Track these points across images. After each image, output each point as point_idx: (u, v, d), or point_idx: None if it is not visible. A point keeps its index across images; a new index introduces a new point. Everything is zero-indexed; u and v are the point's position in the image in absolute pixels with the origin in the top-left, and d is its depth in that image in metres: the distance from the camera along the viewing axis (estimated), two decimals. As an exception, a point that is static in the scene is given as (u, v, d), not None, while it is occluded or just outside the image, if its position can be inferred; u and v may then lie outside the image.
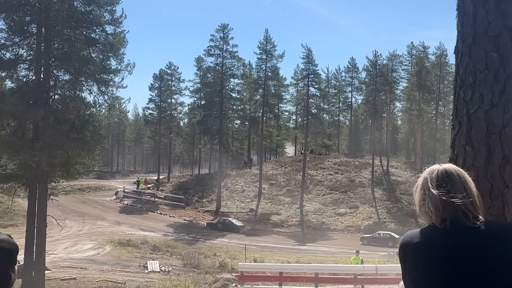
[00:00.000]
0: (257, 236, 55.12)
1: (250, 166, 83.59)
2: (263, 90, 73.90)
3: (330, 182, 72.04)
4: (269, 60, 73.43)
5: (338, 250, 48.78)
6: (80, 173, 33.92)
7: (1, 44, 30.45)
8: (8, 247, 2.46)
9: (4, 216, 54.85)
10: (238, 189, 72.18)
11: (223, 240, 51.77)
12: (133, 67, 32.16)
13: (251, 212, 64.71)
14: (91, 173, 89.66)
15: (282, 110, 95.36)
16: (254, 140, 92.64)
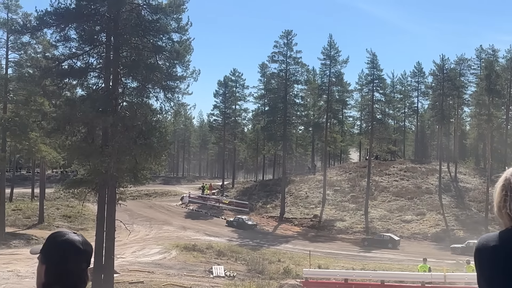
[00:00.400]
0: (321, 242, 54.74)
1: (314, 172, 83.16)
2: (327, 95, 73.46)
3: (396, 189, 70.83)
4: (333, 66, 72.98)
5: (405, 257, 47.86)
6: (147, 178, 34.52)
7: (72, 53, 31.42)
8: (89, 249, 2.56)
9: (75, 220, 56.50)
10: (302, 195, 71.92)
11: (287, 246, 51.67)
12: (198, 74, 32.55)
13: (315, 218, 64.33)
14: (158, 178, 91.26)
15: (346, 116, 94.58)
16: (318, 146, 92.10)
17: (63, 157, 48.38)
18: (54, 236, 2.54)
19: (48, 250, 2.50)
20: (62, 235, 2.53)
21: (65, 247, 2.48)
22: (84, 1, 31.03)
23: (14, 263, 35.87)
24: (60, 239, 2.51)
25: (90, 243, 2.63)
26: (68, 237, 2.51)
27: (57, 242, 2.50)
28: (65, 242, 2.49)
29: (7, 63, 50.48)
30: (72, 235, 2.52)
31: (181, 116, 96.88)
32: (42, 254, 2.51)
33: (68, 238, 2.51)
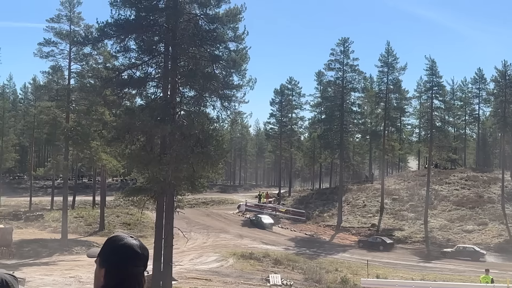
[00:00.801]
0: (379, 252, 53.90)
1: (371, 180, 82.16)
2: (384, 103, 72.54)
3: (457, 198, 69.13)
4: (390, 73, 72.02)
5: (466, 268, 46.59)
6: (204, 186, 34.80)
7: (131, 64, 32.07)
8: (146, 253, 2.59)
9: (134, 227, 57.49)
10: (360, 204, 71.12)
11: (344, 255, 51.11)
12: (254, 83, 32.68)
13: (373, 228, 63.47)
14: (215, 187, 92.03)
15: (405, 124, 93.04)
16: (376, 154, 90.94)
17: (123, 166, 49.40)
18: (113, 240, 2.56)
19: (107, 253, 2.52)
20: (121, 239, 2.55)
21: (123, 251, 2.50)
22: (143, 12, 31.65)
23: (76, 269, 36.74)
24: (119, 243, 2.53)
25: (147, 247, 2.64)
26: (126, 241, 2.53)
27: (116, 245, 2.52)
28: (123, 246, 2.51)
29: (70, 73, 51.98)
30: (130, 239, 2.55)
31: (238, 124, 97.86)
32: (101, 257, 2.53)
33: (127, 242, 2.53)
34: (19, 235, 48.39)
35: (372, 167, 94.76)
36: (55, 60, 51.88)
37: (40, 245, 47.95)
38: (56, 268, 38.42)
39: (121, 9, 31.02)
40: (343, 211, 67.31)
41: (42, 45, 51.12)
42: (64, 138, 51.51)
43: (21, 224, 56.28)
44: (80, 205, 71.02)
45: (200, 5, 32.23)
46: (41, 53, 51.22)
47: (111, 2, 30.95)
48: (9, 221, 55.07)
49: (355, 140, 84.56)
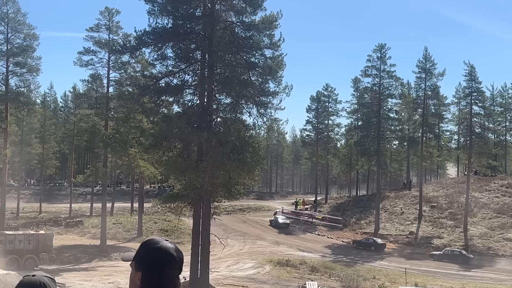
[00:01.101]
0: (417, 260, 53.14)
1: (409, 187, 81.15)
2: (422, 109, 71.60)
3: (497, 205, 67.74)
4: (428, 79, 71.07)
5: (508, 277, 45.62)
6: (240, 193, 34.89)
7: (169, 71, 32.46)
8: (181, 256, 2.61)
9: (171, 234, 57.87)
10: (397, 211, 70.29)
11: (382, 263, 50.57)
12: (290, 89, 32.74)
13: (411, 235, 62.63)
14: (251, 193, 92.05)
15: (443, 130, 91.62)
16: (414, 161, 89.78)
17: (160, 172, 49.83)
18: (148, 243, 2.59)
19: (143, 256, 2.55)
20: (156, 242, 2.57)
21: (159, 254, 2.53)
22: (180, 21, 32.03)
23: (114, 275, 37.18)
24: (155, 246, 2.55)
25: (181, 250, 2.67)
26: (162, 244, 2.55)
27: (151, 248, 2.55)
28: (159, 249, 2.54)
29: (108, 82, 52.75)
30: (165, 242, 2.57)
31: (274, 131, 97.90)
32: (137, 261, 2.56)
33: (162, 245, 2.55)
34: (60, 241, 49.19)
35: (410, 174, 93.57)
36: (94, 68, 52.79)
37: (79, 251, 48.69)
38: (95, 274, 38.95)
39: (158, 17, 31.48)
40: (381, 218, 66.63)
41: (82, 54, 52.06)
42: (103, 146, 52.26)
43: (61, 230, 57.22)
44: (119, 212, 71.86)
45: (236, 13, 32.48)
46: (81, 62, 52.16)
47: (149, 10, 31.43)
48: (50, 227, 56.03)
49: (393, 146, 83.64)
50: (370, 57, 70.25)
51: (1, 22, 49.43)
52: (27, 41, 50.52)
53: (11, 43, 49.88)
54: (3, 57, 49.59)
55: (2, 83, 49.95)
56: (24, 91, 51.58)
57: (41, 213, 70.24)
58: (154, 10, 31.56)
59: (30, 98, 53.07)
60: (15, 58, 50.09)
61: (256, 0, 32.01)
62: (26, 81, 51.48)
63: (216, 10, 32.18)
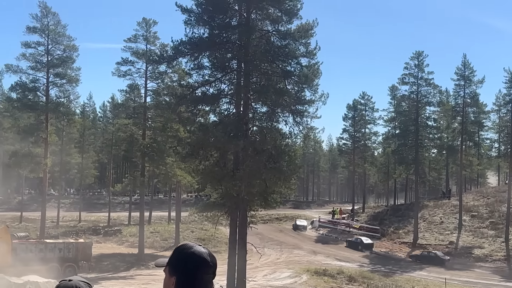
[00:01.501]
0: (458, 270, 52.16)
1: (448, 196, 79.87)
2: (461, 117, 70.51)
3: (540, 215, 66.16)
4: (467, 86, 69.98)
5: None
6: (277, 202, 34.81)
7: (205, 81, 32.65)
8: (215, 261, 2.61)
9: (208, 243, 58.05)
10: (436, 221, 69.19)
11: (421, 273, 49.78)
12: (327, 98, 32.58)
13: (451, 245, 61.52)
14: (288, 202, 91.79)
15: (483, 138, 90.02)
16: (453, 169, 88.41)
17: (197, 181, 50.03)
18: (182, 248, 2.59)
19: (177, 262, 2.55)
20: (189, 247, 2.58)
21: (193, 259, 2.53)
22: (216, 30, 32.22)
23: (152, 283, 37.44)
24: (188, 251, 2.56)
25: (218, 258, 2.66)
26: (195, 249, 2.56)
27: (185, 253, 2.55)
28: (193, 254, 2.54)
29: (146, 91, 53.40)
30: (198, 247, 2.58)
31: (310, 139, 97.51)
32: (171, 266, 2.56)
33: (196, 250, 2.56)
34: (98, 249, 49.80)
35: (449, 183, 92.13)
36: (132, 78, 53.56)
37: (118, 259, 49.23)
38: (134, 282, 39.31)
39: (195, 27, 31.73)
40: (419, 227, 65.67)
41: (120, 64, 52.88)
42: (140, 155, 52.83)
43: (100, 239, 57.93)
44: (156, 221, 72.44)
45: (272, 22, 32.54)
46: (119, 72, 52.98)
47: (185, 21, 31.70)
48: (89, 236, 56.80)
49: (431, 155, 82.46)
50: (407, 64, 69.53)
51: (41, 34, 50.46)
52: (67, 52, 51.44)
53: (51, 54, 50.87)
54: (44, 68, 50.58)
55: (43, 93, 50.92)
56: (64, 101, 52.47)
57: (80, 222, 71.28)
58: (191, 20, 31.84)
59: (69, 109, 53.98)
60: (55, 69, 51.02)
61: (292, 9, 32.02)
62: (66, 91, 52.36)
63: (252, 19, 32.31)
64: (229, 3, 32.49)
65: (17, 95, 51.18)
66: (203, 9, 31.96)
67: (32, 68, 50.51)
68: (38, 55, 50.61)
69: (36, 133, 49.72)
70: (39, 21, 50.36)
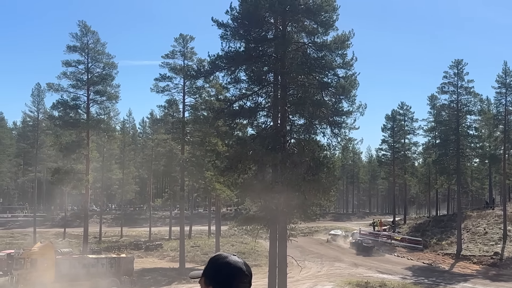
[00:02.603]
0: (504, 281, 50.89)
1: (492, 206, 78.22)
2: (503, 125, 69.15)
3: None
4: (509, 94, 68.65)
5: None
6: (316, 214, 34.62)
7: (242, 94, 32.80)
8: (250, 271, 2.64)
9: (248, 256, 57.99)
10: (480, 231, 67.78)
11: (466, 285, 48.75)
12: (364, 108, 32.33)
13: (496, 256, 60.14)
14: (327, 215, 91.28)
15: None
16: (496, 179, 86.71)
17: (236, 195, 50.16)
18: (217, 259, 2.60)
19: (213, 272, 2.56)
20: (224, 256, 2.59)
21: (228, 268, 2.55)
22: (252, 44, 32.38)
23: (193, 297, 37.52)
24: (224, 261, 2.57)
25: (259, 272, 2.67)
26: (230, 259, 2.57)
27: (220, 263, 2.56)
28: (228, 263, 2.55)
29: (184, 106, 53.90)
30: (233, 257, 2.59)
31: (349, 151, 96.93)
32: (206, 276, 2.57)
33: (231, 259, 2.57)
34: (140, 264, 50.22)
35: (493, 193, 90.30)
36: (170, 94, 54.15)
37: (159, 273, 49.53)
38: (175, 296, 39.48)
39: (231, 41, 31.94)
40: (463, 238, 64.41)
41: (158, 80, 53.54)
42: (180, 169, 53.25)
43: (141, 254, 58.44)
44: (197, 235, 72.78)
45: (308, 34, 32.56)
46: (157, 88, 53.62)
47: (222, 35, 31.95)
48: (130, 251, 57.36)
49: (473, 164, 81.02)
50: (446, 73, 68.57)
51: (81, 53, 51.48)
52: (106, 70, 52.34)
53: (91, 72, 51.83)
54: (84, 86, 51.54)
55: (84, 111, 51.87)
56: (104, 118, 53.27)
57: (122, 237, 72.10)
58: (227, 34, 32.07)
59: (110, 125, 54.78)
60: (95, 86, 51.94)
61: (328, 20, 31.98)
62: (106, 108, 53.23)
63: (288, 32, 32.37)
64: (264, 16, 32.62)
65: (59, 113, 52.22)
66: (239, 23, 32.17)
67: (73, 86, 51.56)
68: (79, 73, 51.65)
69: (78, 150, 50.56)
70: (79, 40, 51.45)
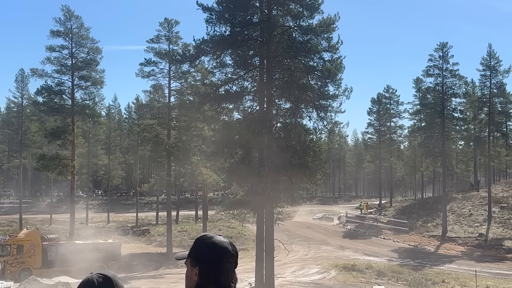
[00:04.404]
0: (488, 262, 51.53)
1: (477, 188, 78.90)
2: (488, 108, 69.60)
3: None
4: (494, 76, 68.97)
5: None
6: (303, 198, 34.77)
7: (228, 78, 32.70)
8: (236, 250, 2.67)
9: (236, 240, 58.11)
10: (465, 213, 68.40)
11: (451, 266, 49.29)
12: (350, 92, 32.35)
13: (481, 237, 60.80)
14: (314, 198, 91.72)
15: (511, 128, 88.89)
16: (481, 161, 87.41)
17: (222, 179, 50.17)
18: (202, 239, 2.63)
19: (199, 252, 2.58)
20: (210, 237, 2.62)
21: (214, 248, 2.57)
22: (237, 28, 32.23)
23: (181, 282, 37.58)
24: (209, 241, 2.59)
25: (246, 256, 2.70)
26: (216, 239, 2.59)
27: (206, 243, 2.58)
28: (214, 243, 2.57)
29: (170, 91, 53.68)
30: (218, 237, 2.62)
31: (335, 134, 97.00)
32: (192, 257, 2.59)
33: (217, 240, 2.59)
34: (127, 249, 50.19)
35: (478, 175, 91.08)
36: (155, 79, 53.84)
37: (147, 258, 49.58)
38: (163, 281, 39.56)
39: (216, 25, 31.76)
40: (448, 220, 64.97)
41: (143, 65, 53.21)
42: (166, 155, 53.10)
43: (128, 239, 58.41)
44: (184, 220, 72.81)
45: (293, 17, 32.46)
46: (143, 73, 53.31)
47: (207, 19, 31.77)
48: (117, 236, 57.31)
49: (458, 147, 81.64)
50: (431, 56, 68.80)
51: (65, 38, 50.96)
52: (91, 55, 51.89)
53: (75, 57, 51.35)
54: (69, 72, 51.10)
55: (68, 96, 51.46)
56: (89, 103, 52.89)
57: (109, 222, 71.97)
58: (212, 18, 31.89)
59: (95, 111, 54.37)
60: (80, 72, 51.51)
61: (313, 4, 31.90)
62: (91, 94, 52.83)
63: (273, 15, 32.24)
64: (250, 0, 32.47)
65: (43, 99, 51.77)
66: (224, 7, 32.00)
67: (57, 72, 51.09)
68: (63, 58, 51.17)
69: (63, 135, 50.21)
70: (62, 24, 50.88)
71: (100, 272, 2.64)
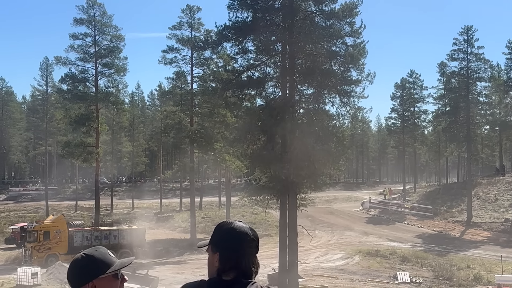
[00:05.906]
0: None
1: (503, 173, 78.03)
2: (514, 92, 68.68)
3: None
4: (520, 59, 68.03)
5: None
6: (326, 184, 34.67)
7: (250, 65, 32.60)
8: (256, 235, 2.67)
9: (259, 226, 58.28)
10: (491, 198, 67.74)
11: (476, 252, 48.93)
12: (373, 77, 32.03)
13: (507, 222, 60.19)
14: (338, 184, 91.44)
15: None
16: (507, 146, 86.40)
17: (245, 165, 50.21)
18: (222, 225, 2.67)
19: (219, 238, 2.61)
20: (229, 223, 2.66)
21: (234, 233, 2.61)
22: (259, 13, 32.06)
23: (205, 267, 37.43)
24: (228, 227, 2.63)
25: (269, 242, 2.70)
26: (235, 224, 2.63)
27: (226, 229, 2.62)
28: (233, 228, 2.61)
29: (192, 78, 53.81)
30: (238, 223, 2.65)
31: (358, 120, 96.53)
32: (213, 243, 2.63)
33: (236, 225, 2.63)
34: (152, 235, 50.64)
35: (503, 160, 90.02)
36: (178, 66, 54.04)
37: (171, 244, 50.02)
38: (187, 267, 39.90)
39: (238, 11, 31.63)
40: (473, 206, 64.42)
41: (166, 52, 53.41)
42: (189, 141, 53.32)
43: (153, 225, 58.89)
44: (207, 206, 73.21)
45: (315, 2, 32.16)
46: (165, 60, 53.52)
47: (229, 5, 31.66)
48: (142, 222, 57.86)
49: (483, 132, 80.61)
50: (456, 40, 67.95)
51: (88, 25, 51.27)
52: (114, 43, 52.13)
53: (98, 45, 51.65)
54: (92, 59, 51.44)
55: (92, 84, 51.84)
56: (113, 91, 53.22)
57: (133, 209, 72.68)
58: (234, 4, 31.76)
59: (118, 98, 54.69)
60: (103, 59, 51.81)
61: (336, -12, 31.58)
62: (114, 81, 53.11)
63: (295, 0, 32.00)
64: (271, -15, 32.26)
65: (68, 87, 52.19)
66: (246, -8, 31.83)
67: (81, 59, 51.48)
68: (86, 46, 51.53)
69: (87, 123, 50.64)
70: (85, 12, 51.21)
71: (85, 251, 2.67)
